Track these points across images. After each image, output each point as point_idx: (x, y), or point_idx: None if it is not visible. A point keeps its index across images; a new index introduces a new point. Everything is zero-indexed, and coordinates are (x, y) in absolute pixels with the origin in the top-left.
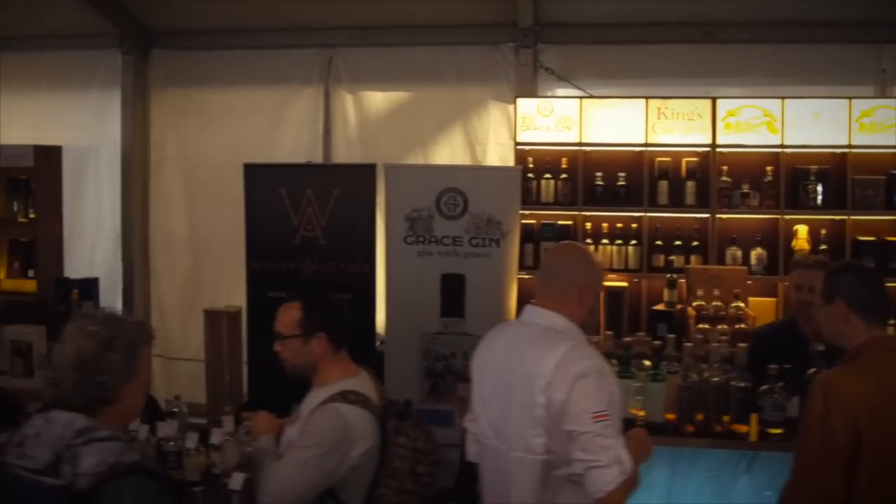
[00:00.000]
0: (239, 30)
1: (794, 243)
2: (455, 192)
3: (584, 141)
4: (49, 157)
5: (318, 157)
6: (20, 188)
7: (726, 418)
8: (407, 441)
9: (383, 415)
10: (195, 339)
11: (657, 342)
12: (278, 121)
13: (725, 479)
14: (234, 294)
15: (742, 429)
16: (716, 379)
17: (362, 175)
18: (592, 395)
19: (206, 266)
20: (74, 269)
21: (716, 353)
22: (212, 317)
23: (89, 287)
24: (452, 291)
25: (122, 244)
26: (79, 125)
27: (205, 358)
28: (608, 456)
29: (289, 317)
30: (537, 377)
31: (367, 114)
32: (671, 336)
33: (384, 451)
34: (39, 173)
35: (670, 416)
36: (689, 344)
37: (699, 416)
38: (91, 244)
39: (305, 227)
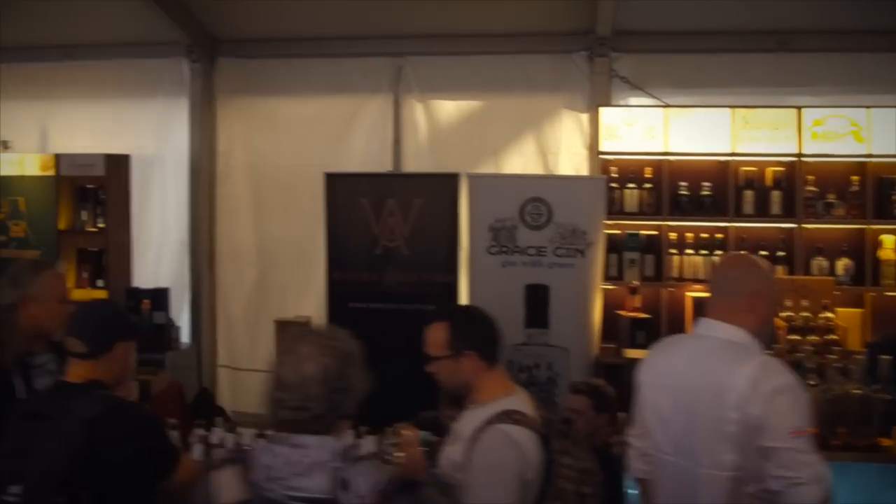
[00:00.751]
0: (307, 38)
1: (880, 253)
2: (539, 201)
3: (668, 150)
4: (118, 166)
5: (387, 167)
6: (88, 197)
7: (867, 431)
8: (572, 461)
9: (545, 433)
10: (262, 349)
11: None
12: (347, 130)
13: (874, 492)
14: (302, 304)
15: (886, 442)
16: (858, 391)
17: (445, 184)
18: (790, 411)
19: (273, 276)
20: (140, 278)
21: (858, 365)
22: (283, 327)
23: (160, 297)
24: (536, 302)
25: (190, 254)
26: (144, 134)
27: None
28: (809, 473)
29: (436, 337)
30: (728, 392)
31: (438, 123)
32: None
33: (549, 471)
34: (109, 182)
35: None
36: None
37: (841, 430)
38: (156, 254)
39: (387, 236)
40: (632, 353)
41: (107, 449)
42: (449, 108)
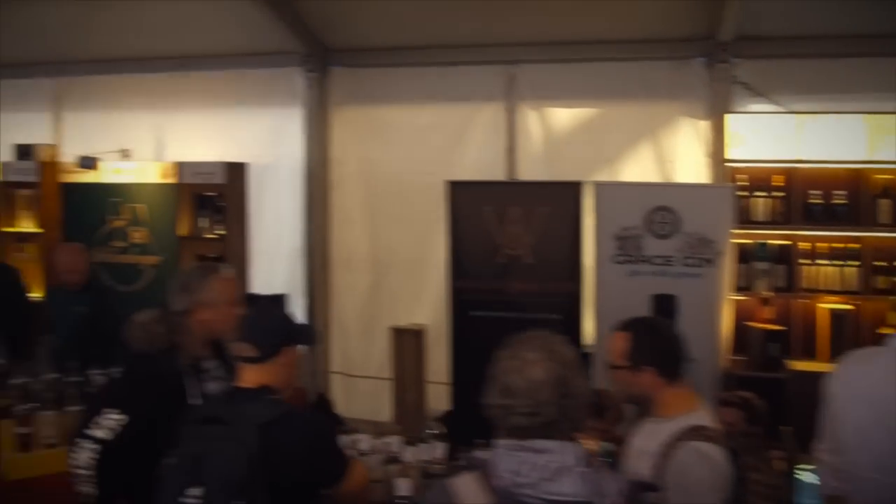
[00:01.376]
0: (419, 47)
1: None
2: (665, 210)
3: (799, 158)
4: (237, 174)
5: (500, 175)
6: (207, 204)
7: None
8: (760, 477)
9: (734, 448)
10: (375, 356)
11: None
12: (460, 138)
13: None
14: (416, 311)
15: None
16: None
17: (569, 192)
18: None
19: (386, 283)
20: (254, 285)
21: None
22: (398, 334)
23: (279, 303)
24: (664, 312)
25: (305, 261)
26: (257, 143)
27: (392, 375)
28: None
29: (617, 346)
30: None
31: (552, 130)
32: None
33: (740, 488)
34: (229, 190)
35: None
36: None
37: None
38: (270, 261)
39: (510, 245)
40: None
41: (281, 454)
42: (563, 116)
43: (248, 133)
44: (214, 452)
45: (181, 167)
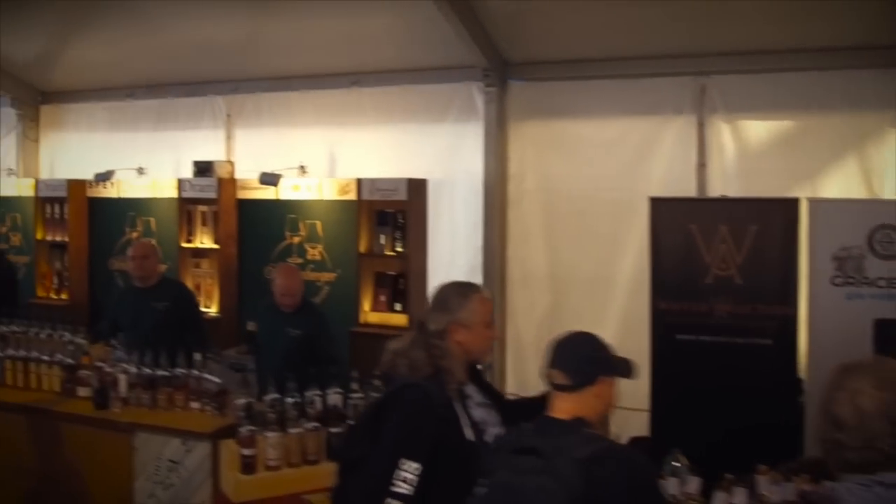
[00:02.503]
0: (602, 59)
1: None
2: (890, 228)
3: None
4: (418, 190)
5: (689, 192)
6: (387, 221)
7: None
8: None
9: None
10: None
11: None
12: (646, 153)
13: None
14: (599, 332)
15: None
16: None
17: (783, 210)
18: None
19: (567, 303)
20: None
21: None
22: None
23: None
24: (888, 339)
25: (483, 279)
26: (432, 158)
27: None
28: None
29: None
30: None
31: (747, 144)
32: None
33: None
34: (410, 206)
35: None
36: None
37: None
38: (445, 278)
39: (719, 265)
40: None
41: (603, 493)
42: (758, 129)
43: (423, 149)
44: (531, 486)
45: (361, 183)
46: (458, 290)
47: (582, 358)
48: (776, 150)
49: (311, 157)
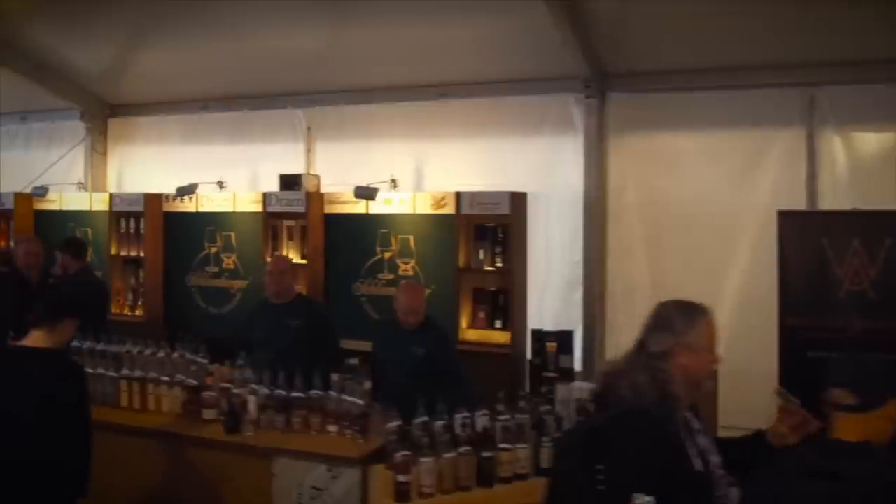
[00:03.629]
0: (705, 70)
1: None
2: None
3: None
4: (519, 204)
5: (799, 204)
6: (486, 236)
7: None
8: None
9: None
10: None
11: None
12: (751, 166)
13: None
14: None
15: None
16: None
17: None
18: None
19: None
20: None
21: None
22: None
23: (565, 339)
24: None
25: (584, 294)
26: (525, 171)
27: None
28: None
29: None
30: None
31: (859, 157)
32: None
33: None
34: (512, 220)
35: None
36: None
37: None
38: (540, 293)
39: (851, 279)
40: None
41: None
42: (871, 141)
43: (515, 162)
44: None
45: (460, 197)
46: (684, 311)
47: (874, 376)
48: (891, 163)
49: (396, 170)
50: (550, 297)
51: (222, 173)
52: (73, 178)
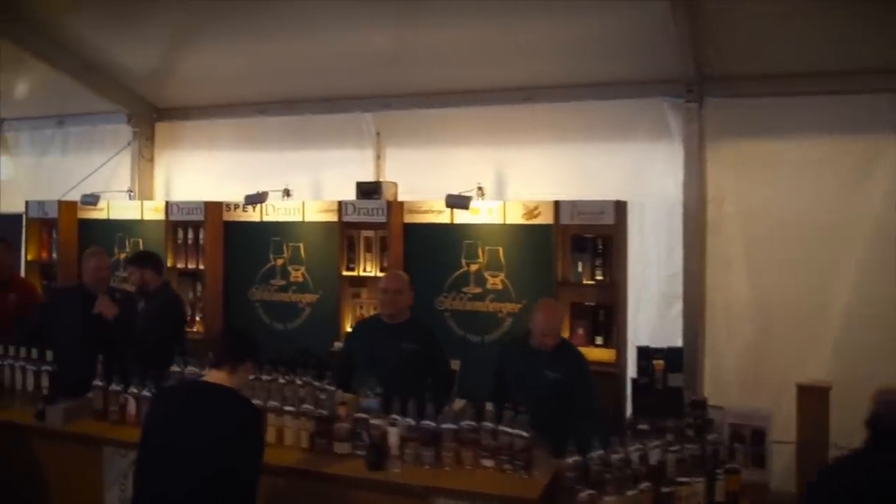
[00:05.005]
0: (809, 73)
1: None
2: None
3: None
4: (620, 214)
5: None
6: (585, 247)
7: None
8: None
9: None
10: None
11: None
12: (863, 174)
13: None
14: (807, 367)
15: None
16: None
17: None
18: None
19: (772, 333)
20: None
21: None
22: (806, 393)
23: (674, 357)
24: None
25: (684, 308)
26: (615, 179)
27: (797, 438)
28: None
29: None
30: None
31: None
32: None
33: None
34: (613, 231)
35: None
36: None
37: None
38: (634, 308)
39: None
40: None
41: None
42: None
43: (604, 169)
44: None
45: (559, 206)
46: None
47: None
48: None
49: (474, 177)
50: (645, 312)
51: (280, 180)
52: (116, 185)
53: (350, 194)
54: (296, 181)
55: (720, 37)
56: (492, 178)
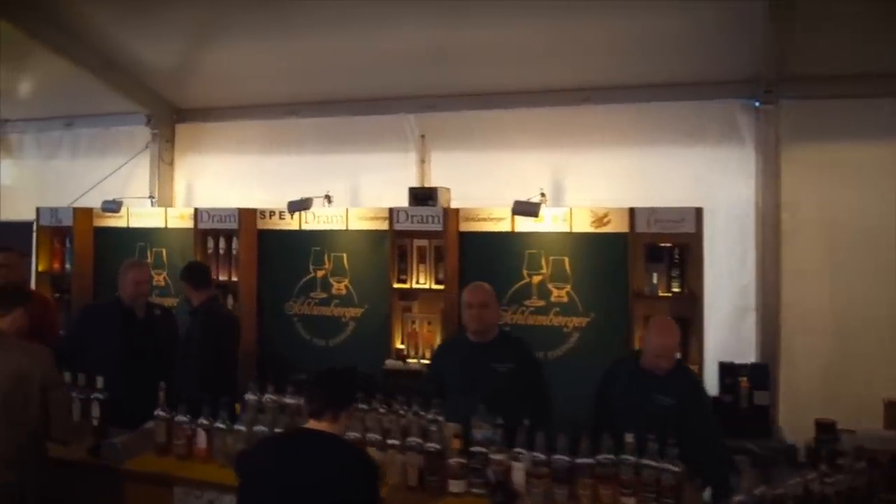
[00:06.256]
0: (888, 74)
1: None
2: None
3: None
4: (699, 221)
5: None
6: (661, 257)
7: None
8: None
9: None
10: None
11: None
12: None
13: None
14: (893, 383)
15: None
16: None
17: None
18: None
19: (854, 347)
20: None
21: None
22: (891, 408)
23: (760, 374)
24: None
25: (758, 321)
26: (682, 185)
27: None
28: None
29: None
30: None
31: None
32: None
33: None
34: (691, 239)
35: None
36: None
37: None
38: (709, 321)
39: None
40: None
41: None
42: None
43: (670, 174)
44: None
45: (634, 213)
46: None
47: None
48: None
49: (528, 183)
50: (716, 325)
51: (314, 186)
52: (132, 191)
53: (392, 200)
54: (331, 187)
55: (800, 36)
56: (548, 185)
